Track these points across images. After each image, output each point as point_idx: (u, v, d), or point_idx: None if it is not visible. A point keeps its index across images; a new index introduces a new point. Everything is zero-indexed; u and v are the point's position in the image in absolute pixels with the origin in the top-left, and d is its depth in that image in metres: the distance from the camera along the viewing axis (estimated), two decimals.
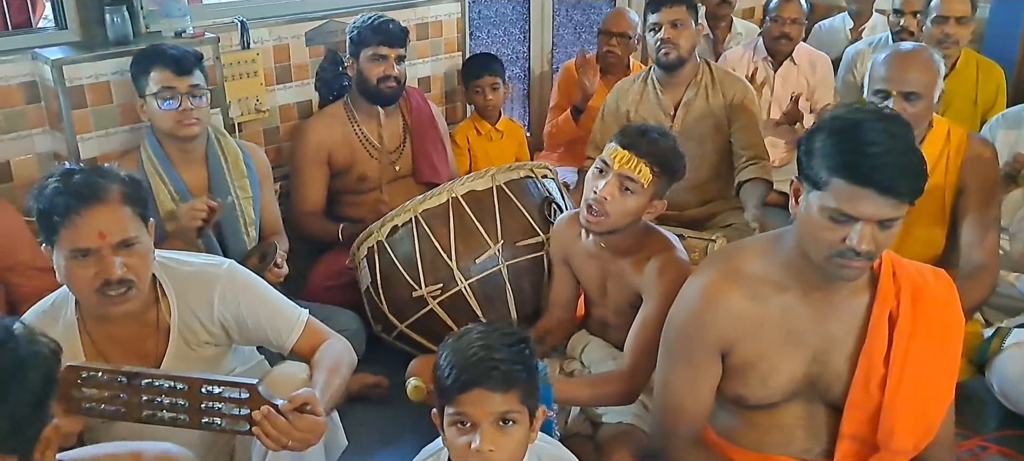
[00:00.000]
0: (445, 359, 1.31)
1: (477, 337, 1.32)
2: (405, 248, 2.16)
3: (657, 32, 2.85)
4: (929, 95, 2.18)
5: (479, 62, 3.22)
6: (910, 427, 1.51)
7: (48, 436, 0.97)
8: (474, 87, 3.18)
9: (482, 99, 3.17)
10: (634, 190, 1.80)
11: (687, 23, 2.85)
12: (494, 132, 3.22)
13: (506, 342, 1.32)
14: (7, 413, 0.90)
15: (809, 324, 1.53)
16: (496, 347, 1.30)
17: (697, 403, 1.60)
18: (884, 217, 1.37)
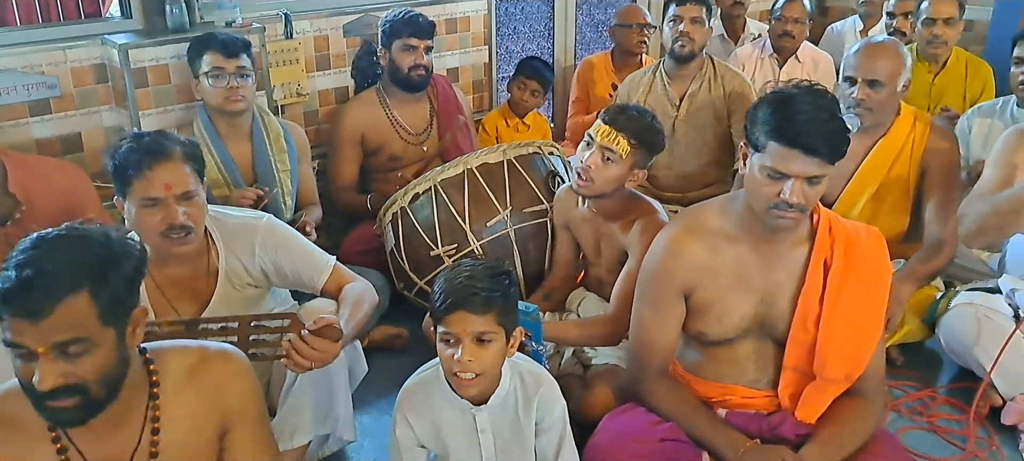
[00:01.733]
0: (438, 288, 1.57)
1: (465, 270, 1.58)
2: (425, 213, 2.44)
3: (677, 25, 3.09)
4: (892, 84, 2.40)
5: (534, 66, 3.48)
6: (840, 358, 1.73)
7: (137, 316, 1.25)
8: (520, 83, 3.44)
9: (522, 96, 3.43)
10: (614, 159, 2.05)
11: (703, 21, 3.11)
12: (521, 125, 3.49)
13: (487, 274, 1.57)
14: (109, 291, 1.18)
15: (757, 271, 1.77)
16: (478, 278, 1.55)
17: (665, 339, 1.84)
18: (810, 174, 1.61)
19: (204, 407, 1.34)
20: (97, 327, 1.16)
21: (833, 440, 1.73)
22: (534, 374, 1.67)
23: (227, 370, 1.37)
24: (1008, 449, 2.07)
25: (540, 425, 1.66)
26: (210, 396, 1.34)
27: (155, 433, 1.29)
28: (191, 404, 1.32)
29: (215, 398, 1.35)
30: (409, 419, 1.63)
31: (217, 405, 1.35)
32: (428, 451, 1.68)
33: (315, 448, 1.88)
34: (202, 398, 1.33)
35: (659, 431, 1.77)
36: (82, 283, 1.15)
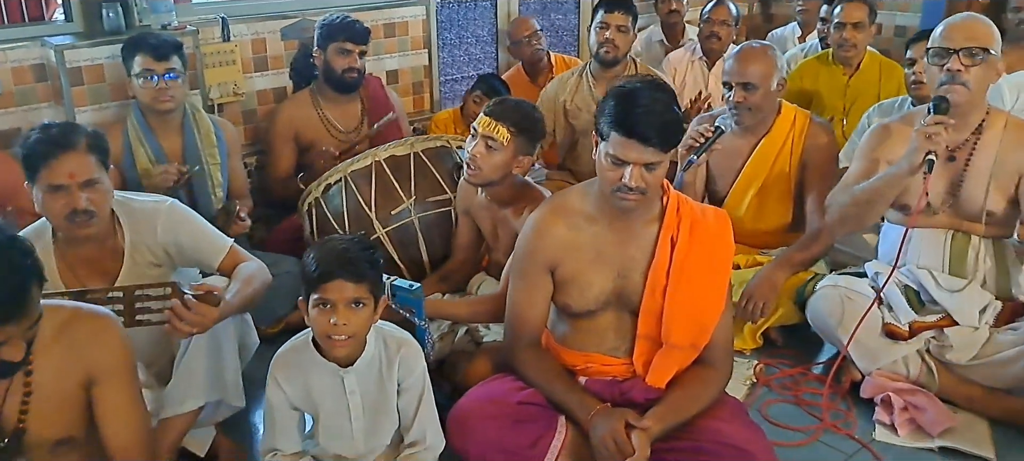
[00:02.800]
0: (312, 258, 1.72)
1: (338, 242, 1.75)
2: (335, 203, 2.60)
3: (603, 31, 3.27)
4: (765, 85, 2.58)
5: (491, 84, 3.64)
6: (685, 326, 1.89)
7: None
8: (476, 96, 3.60)
9: (475, 109, 3.48)
10: (496, 147, 2.21)
11: (628, 29, 3.31)
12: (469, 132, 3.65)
13: (358, 246, 1.74)
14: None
15: (613, 248, 1.93)
16: (352, 250, 1.72)
17: (534, 312, 1.99)
18: (647, 161, 1.77)
19: (71, 358, 1.49)
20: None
21: (675, 403, 1.89)
22: (396, 338, 1.83)
23: (95, 326, 1.53)
24: (863, 421, 2.22)
25: (402, 385, 1.82)
26: (77, 348, 1.50)
27: (28, 374, 1.45)
28: (61, 354, 1.48)
29: (82, 351, 1.50)
30: (281, 382, 1.79)
31: (82, 357, 1.51)
32: (300, 412, 1.83)
33: (208, 414, 2.03)
34: (70, 350, 1.49)
35: (518, 395, 1.94)
36: None
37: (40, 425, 1.49)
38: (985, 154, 2.24)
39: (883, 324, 2.27)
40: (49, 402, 1.48)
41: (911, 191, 2.27)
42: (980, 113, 2.26)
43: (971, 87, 2.16)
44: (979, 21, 2.20)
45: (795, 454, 2.12)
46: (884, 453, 2.10)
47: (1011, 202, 2.24)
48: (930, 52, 2.23)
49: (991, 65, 2.18)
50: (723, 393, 1.99)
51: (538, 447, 1.87)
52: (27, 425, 1.46)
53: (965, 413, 2.20)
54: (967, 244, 2.30)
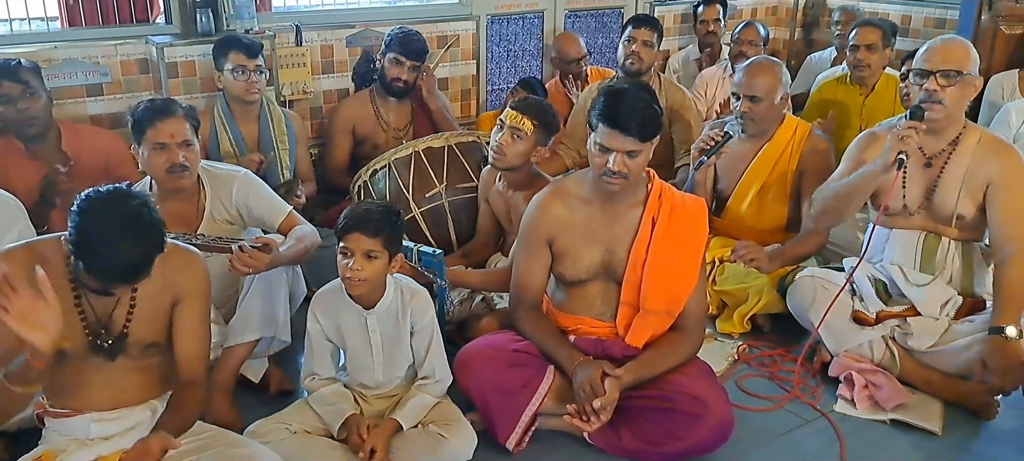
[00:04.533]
0: (343, 216, 2.12)
1: (366, 205, 2.14)
2: (380, 186, 3.01)
3: (631, 44, 3.63)
4: (769, 98, 2.88)
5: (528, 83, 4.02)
6: (660, 295, 2.21)
7: None
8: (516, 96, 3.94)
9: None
10: (521, 137, 2.58)
11: (653, 44, 3.65)
12: None
13: (381, 210, 2.12)
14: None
15: (602, 226, 2.26)
16: (373, 211, 2.10)
17: (534, 279, 2.34)
18: (628, 149, 2.10)
19: (165, 281, 1.90)
20: None
21: (647, 359, 2.21)
22: (411, 289, 2.21)
23: (185, 259, 1.95)
24: (828, 395, 2.48)
25: (414, 327, 2.19)
26: (171, 274, 1.91)
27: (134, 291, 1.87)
28: (159, 277, 1.89)
29: (174, 276, 1.91)
30: (318, 316, 2.19)
31: (174, 281, 1.92)
32: (333, 345, 2.23)
33: (262, 348, 2.45)
34: (165, 275, 1.90)
35: (514, 345, 2.29)
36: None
37: (138, 331, 1.90)
38: (958, 164, 2.49)
39: (852, 311, 2.54)
40: (146, 313, 1.90)
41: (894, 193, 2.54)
42: (957, 127, 2.50)
43: (947, 104, 2.42)
44: (956, 45, 2.45)
45: (762, 417, 2.40)
46: (840, 422, 2.36)
47: (979, 208, 2.47)
48: (912, 72, 2.50)
49: (966, 84, 2.43)
50: (695, 357, 2.30)
51: (528, 387, 2.21)
52: (129, 331, 1.89)
53: (923, 394, 2.44)
54: (937, 244, 2.54)
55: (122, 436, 1.91)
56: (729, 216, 3.14)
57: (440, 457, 2.08)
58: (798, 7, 5.52)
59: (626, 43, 3.66)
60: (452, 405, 2.22)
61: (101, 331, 1.84)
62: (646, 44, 3.63)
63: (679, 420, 2.12)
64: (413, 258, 2.53)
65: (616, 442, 2.19)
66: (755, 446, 2.27)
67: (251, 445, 1.94)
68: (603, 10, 4.85)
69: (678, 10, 5.10)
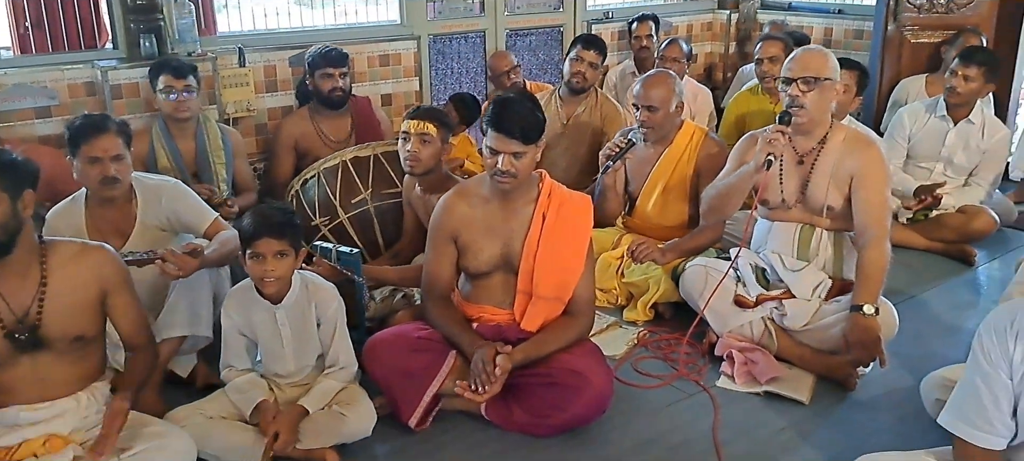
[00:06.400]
0: (247, 223, 2.32)
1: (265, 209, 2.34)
2: (310, 193, 3.23)
3: (578, 63, 3.88)
4: (665, 107, 3.13)
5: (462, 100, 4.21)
6: (550, 282, 2.43)
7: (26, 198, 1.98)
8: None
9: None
10: (429, 141, 2.81)
11: (597, 65, 3.94)
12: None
13: (280, 210, 2.33)
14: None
15: (500, 222, 2.48)
16: (274, 214, 2.30)
17: (441, 272, 2.55)
18: (514, 151, 2.33)
19: (85, 274, 2.06)
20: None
21: (537, 340, 2.43)
22: (314, 283, 2.42)
23: (103, 255, 2.14)
24: (712, 372, 2.70)
25: (320, 318, 2.40)
26: (91, 268, 2.08)
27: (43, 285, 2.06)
28: (74, 270, 2.05)
29: (95, 270, 2.09)
30: (231, 313, 2.38)
31: (97, 275, 2.09)
32: (247, 339, 2.43)
33: (190, 344, 2.65)
34: (84, 268, 2.07)
35: (418, 332, 2.50)
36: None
37: (58, 324, 2.08)
38: (827, 160, 2.73)
39: (735, 295, 2.76)
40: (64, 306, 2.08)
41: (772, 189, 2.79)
42: (824, 127, 2.75)
43: (809, 107, 2.66)
44: (813, 54, 2.70)
45: (652, 394, 2.62)
46: (719, 395, 2.58)
47: (846, 200, 2.71)
48: (780, 80, 2.75)
49: (826, 88, 2.67)
50: (586, 339, 2.52)
51: (430, 370, 2.42)
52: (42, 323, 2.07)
53: (797, 369, 2.67)
54: (812, 234, 2.78)
55: (47, 423, 2.08)
56: (638, 215, 3.38)
57: (342, 433, 2.28)
58: (731, 23, 5.80)
59: (574, 61, 3.92)
60: (357, 388, 2.42)
61: (18, 325, 2.02)
62: (592, 65, 3.91)
63: (561, 393, 2.33)
64: (332, 257, 2.74)
65: (508, 417, 2.41)
66: (640, 417, 2.49)
67: (164, 425, 2.14)
68: (543, 29, 5.11)
69: (615, 27, 5.37)
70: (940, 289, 3.38)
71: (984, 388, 1.71)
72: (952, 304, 3.25)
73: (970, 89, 3.69)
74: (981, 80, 3.68)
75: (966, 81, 3.68)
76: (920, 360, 2.71)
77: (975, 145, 3.76)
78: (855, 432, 2.39)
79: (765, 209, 2.88)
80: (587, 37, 4.05)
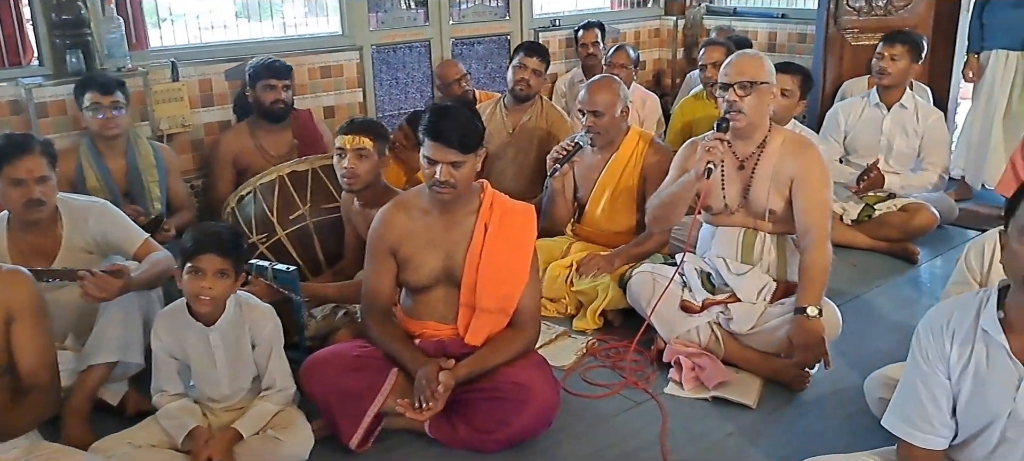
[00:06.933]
0: (190, 236, 2.23)
1: (212, 226, 2.26)
2: (247, 210, 3.13)
3: (521, 70, 3.84)
4: (610, 112, 3.11)
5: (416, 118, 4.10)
6: (493, 294, 2.37)
7: None
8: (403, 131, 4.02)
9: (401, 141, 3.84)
10: (366, 155, 2.73)
11: (541, 72, 3.90)
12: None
13: (228, 229, 2.25)
14: None
15: (441, 234, 2.42)
16: (222, 232, 2.23)
17: (381, 287, 2.48)
18: (451, 160, 2.27)
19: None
20: None
21: (481, 354, 2.37)
22: (250, 304, 2.33)
23: (12, 277, 2.03)
24: (660, 379, 2.68)
25: (255, 340, 2.31)
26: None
27: None
28: None
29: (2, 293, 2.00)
30: (161, 335, 2.29)
31: (3, 298, 2.00)
32: (179, 362, 2.33)
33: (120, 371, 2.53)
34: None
35: (358, 350, 2.43)
36: None
37: None
38: (767, 163, 2.72)
39: (681, 300, 2.74)
40: None
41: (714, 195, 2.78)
42: (763, 131, 2.74)
43: (747, 112, 2.65)
44: (748, 59, 2.69)
45: (600, 404, 2.58)
46: (667, 402, 2.55)
47: (787, 203, 2.71)
48: (718, 87, 2.74)
49: (763, 92, 2.66)
50: (532, 351, 2.47)
51: (371, 389, 2.34)
52: None
53: (744, 373, 2.65)
54: (755, 238, 2.78)
55: None
56: (587, 222, 3.35)
57: (278, 457, 2.20)
58: (678, 29, 5.83)
59: (517, 68, 3.88)
60: (294, 410, 2.34)
61: None
62: (535, 72, 3.87)
63: (505, 406, 2.28)
64: (268, 276, 2.65)
65: (453, 434, 2.34)
66: (587, 428, 2.44)
67: (89, 458, 2.03)
68: (489, 37, 5.07)
69: (562, 35, 5.35)
70: (884, 288, 3.40)
71: (923, 388, 1.73)
72: (896, 302, 3.27)
73: (898, 69, 3.75)
74: (906, 58, 3.74)
75: (893, 61, 3.75)
76: (866, 359, 2.72)
77: (912, 129, 3.80)
78: (802, 434, 2.38)
79: (709, 214, 2.87)
80: (529, 44, 4.02)
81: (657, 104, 4.61)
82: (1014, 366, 1.65)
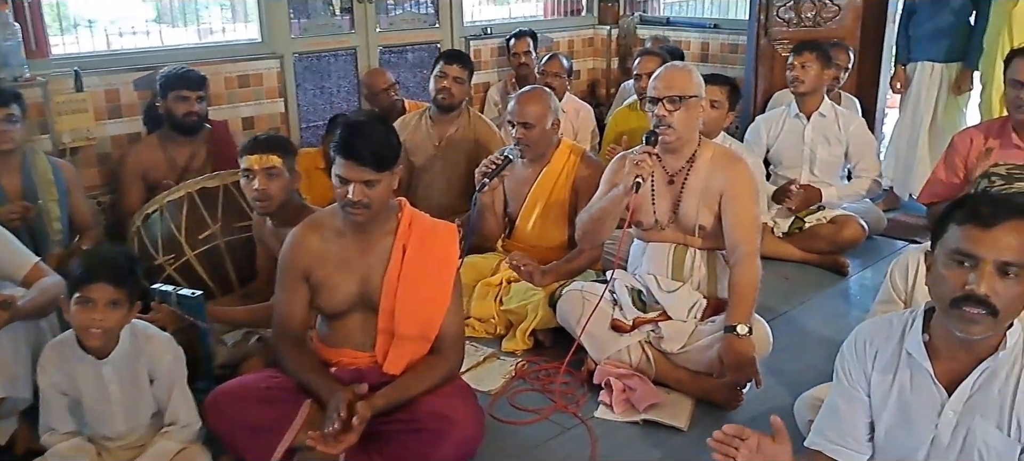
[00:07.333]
0: (80, 262, 2.04)
1: (105, 250, 2.08)
2: (153, 230, 2.93)
3: (442, 80, 3.70)
4: (540, 124, 3.01)
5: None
6: (413, 320, 2.24)
7: None
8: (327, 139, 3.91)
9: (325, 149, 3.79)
10: (276, 174, 2.56)
11: (464, 80, 3.76)
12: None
13: (123, 254, 2.08)
14: None
15: (356, 256, 2.28)
16: (116, 257, 2.05)
17: (293, 313, 2.32)
18: (365, 179, 2.12)
19: None
20: None
21: (400, 383, 2.23)
22: (147, 334, 2.16)
23: None
24: (591, 402, 2.58)
25: (153, 374, 2.13)
26: None
27: None
28: None
29: None
30: (49, 370, 2.09)
31: None
32: (69, 398, 2.13)
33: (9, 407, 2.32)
34: None
35: (268, 382, 2.26)
36: None
37: None
38: (696, 178, 2.66)
39: (611, 319, 2.65)
40: None
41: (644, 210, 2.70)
42: (692, 145, 2.68)
43: (676, 126, 2.59)
44: (677, 72, 2.63)
45: (528, 430, 2.47)
46: (597, 427, 2.46)
47: (717, 218, 2.65)
48: (647, 101, 2.67)
49: (692, 106, 2.60)
50: (455, 377, 2.35)
51: (282, 422, 2.18)
52: None
53: (676, 393, 2.58)
54: (685, 254, 2.71)
55: None
56: (518, 237, 3.25)
57: None
58: (612, 39, 5.80)
59: (438, 77, 3.75)
60: (198, 447, 2.18)
61: None
62: (457, 80, 3.74)
63: (426, 439, 2.14)
64: (172, 302, 2.47)
65: None
66: (514, 457, 2.33)
67: None
68: (419, 45, 4.93)
69: (494, 44, 5.25)
70: (814, 301, 3.38)
71: (844, 406, 1.76)
72: (826, 316, 3.25)
73: (810, 75, 3.75)
74: (817, 65, 3.75)
75: (804, 68, 3.75)
76: (797, 375, 2.68)
77: (834, 137, 3.81)
78: None
79: (639, 230, 2.80)
80: (450, 52, 3.91)
81: (591, 115, 4.55)
82: (938, 392, 1.62)
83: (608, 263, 3.10)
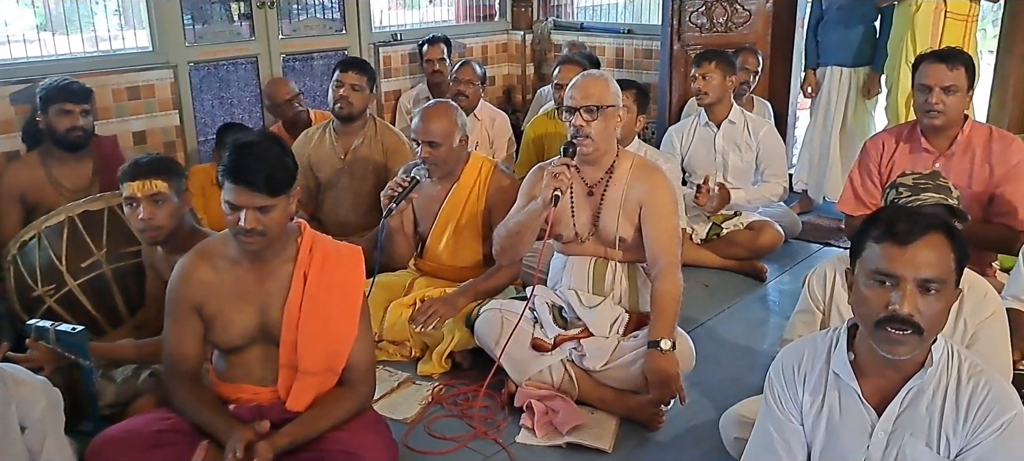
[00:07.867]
0: None
1: None
2: (30, 258, 2.67)
3: (339, 89, 3.51)
4: (447, 142, 2.87)
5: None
6: (317, 354, 2.08)
7: None
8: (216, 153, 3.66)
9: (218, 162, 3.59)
10: (163, 200, 2.34)
11: (363, 88, 3.55)
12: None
13: None
14: None
15: (253, 286, 2.09)
16: None
17: (186, 350, 2.12)
18: (256, 205, 1.94)
19: None
20: None
21: (305, 420, 2.06)
22: (16, 379, 1.92)
23: None
24: (512, 426, 2.46)
25: (24, 422, 1.90)
26: None
27: None
28: None
29: None
30: None
31: None
32: None
33: None
34: None
35: (159, 425, 2.06)
36: None
37: None
38: (616, 189, 2.59)
39: (532, 339, 2.55)
40: None
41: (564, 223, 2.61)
42: (611, 156, 2.60)
43: (594, 137, 2.50)
44: (593, 81, 2.55)
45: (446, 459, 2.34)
46: (520, 453, 2.35)
47: (637, 230, 2.58)
48: (564, 110, 2.57)
49: (610, 116, 2.53)
50: (367, 409, 2.19)
51: None
52: None
53: (600, 413, 2.49)
54: (606, 268, 2.63)
55: None
56: (429, 256, 3.11)
57: None
58: (526, 44, 5.72)
59: (335, 86, 3.56)
60: None
61: None
62: (355, 88, 3.55)
63: None
64: (50, 339, 2.23)
65: None
66: None
67: None
68: (325, 53, 4.73)
69: (405, 50, 5.10)
70: (735, 308, 3.37)
71: (777, 435, 1.69)
72: (747, 323, 3.23)
73: (713, 85, 3.74)
74: (719, 74, 3.74)
75: (706, 79, 3.74)
76: (720, 386, 2.63)
77: (744, 143, 3.82)
78: None
79: (560, 243, 2.71)
80: (346, 60, 3.71)
81: (507, 122, 4.44)
82: (866, 412, 1.58)
83: (528, 278, 2.99)
